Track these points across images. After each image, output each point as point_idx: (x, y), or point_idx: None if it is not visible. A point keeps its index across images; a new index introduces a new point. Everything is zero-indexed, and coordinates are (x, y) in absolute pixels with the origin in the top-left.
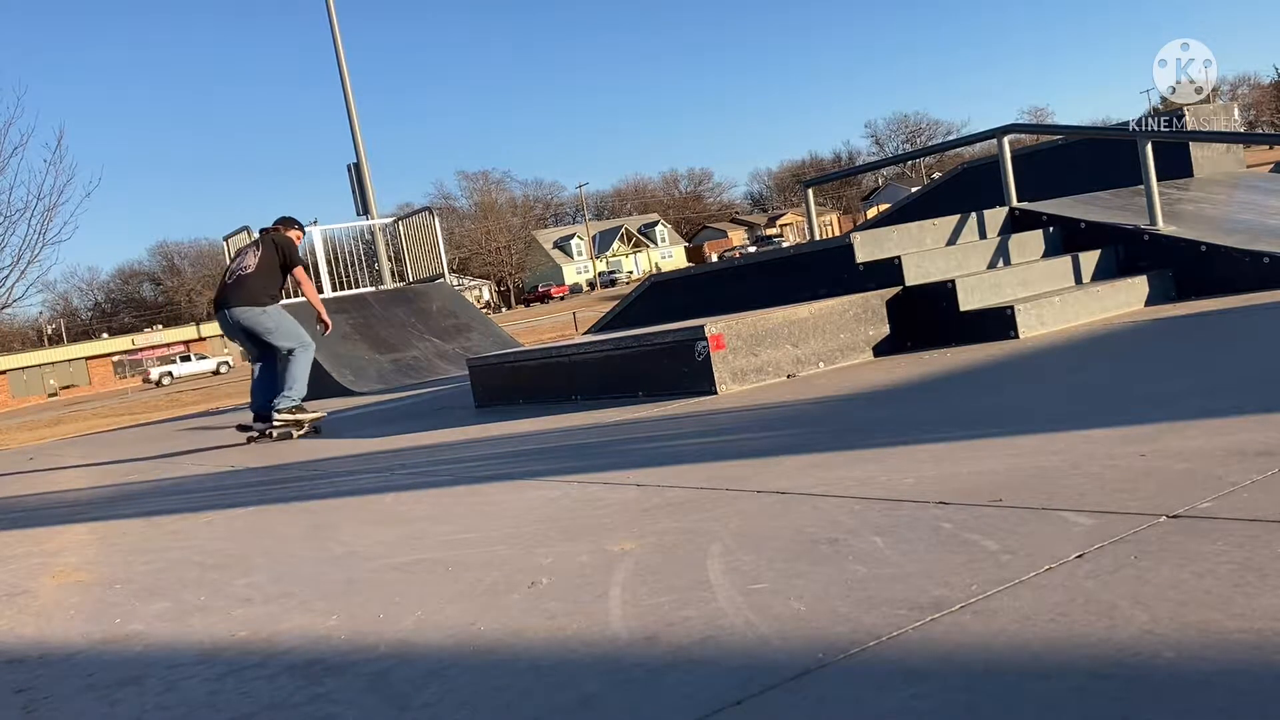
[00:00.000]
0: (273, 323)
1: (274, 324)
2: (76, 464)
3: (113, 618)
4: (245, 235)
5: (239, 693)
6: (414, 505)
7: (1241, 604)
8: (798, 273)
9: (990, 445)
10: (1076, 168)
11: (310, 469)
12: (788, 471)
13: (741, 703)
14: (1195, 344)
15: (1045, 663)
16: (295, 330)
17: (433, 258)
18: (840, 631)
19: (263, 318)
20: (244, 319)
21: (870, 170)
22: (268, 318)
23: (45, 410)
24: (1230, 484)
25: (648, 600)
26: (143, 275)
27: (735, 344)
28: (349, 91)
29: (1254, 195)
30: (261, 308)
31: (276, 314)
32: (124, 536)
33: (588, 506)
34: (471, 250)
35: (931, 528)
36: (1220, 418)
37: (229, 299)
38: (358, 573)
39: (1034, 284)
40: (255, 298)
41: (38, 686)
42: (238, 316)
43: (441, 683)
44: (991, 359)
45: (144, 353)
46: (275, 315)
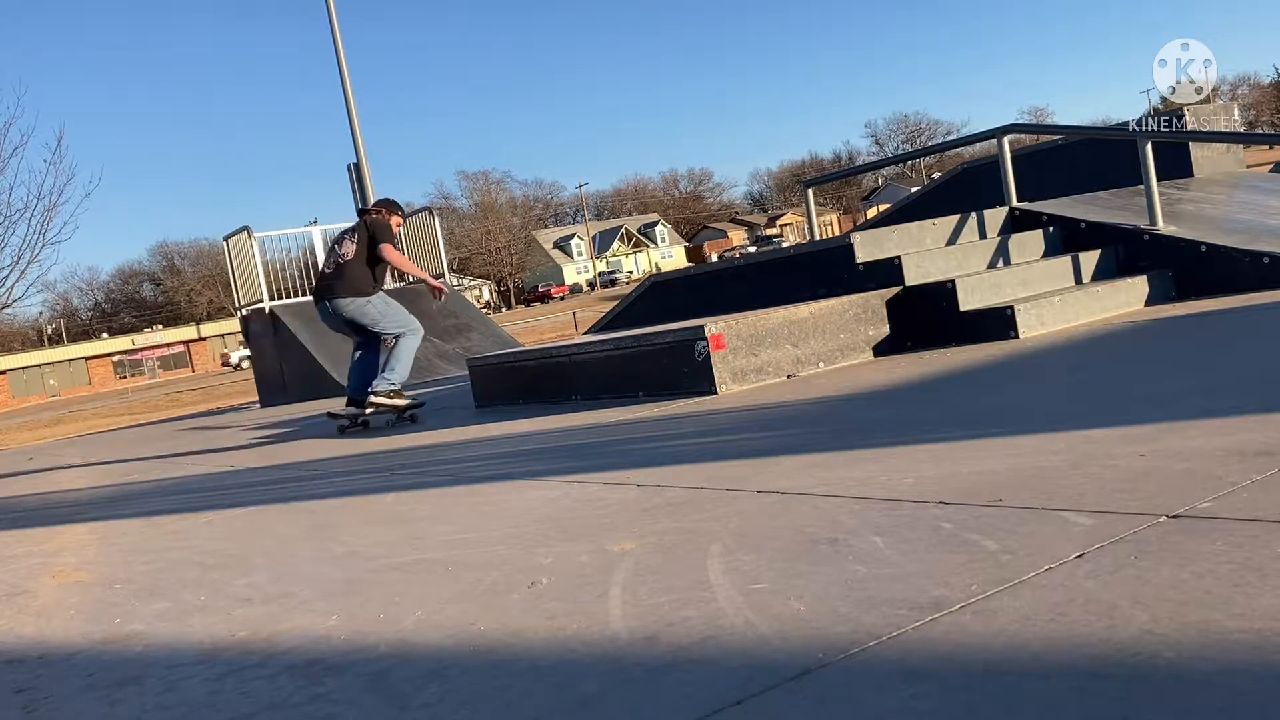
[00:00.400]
0: (377, 312)
1: (379, 313)
2: (76, 464)
3: (113, 618)
4: (245, 235)
5: (239, 693)
6: (414, 505)
7: (1241, 604)
8: (798, 273)
9: (990, 445)
10: (1076, 168)
11: (310, 469)
12: (788, 471)
13: (741, 703)
14: (1195, 344)
15: (1045, 663)
16: (402, 316)
17: (433, 258)
18: (840, 631)
19: (367, 309)
20: (346, 311)
21: (870, 170)
22: (372, 308)
23: (45, 410)
24: (1230, 484)
25: (648, 600)
26: (143, 275)
27: (735, 344)
28: (349, 91)
29: (1254, 195)
30: (365, 298)
31: (380, 303)
32: (124, 536)
33: (588, 506)
34: (471, 250)
35: (931, 528)
36: (1220, 418)
37: (330, 289)
38: (358, 573)
39: (1034, 284)
40: (358, 288)
41: (38, 686)
42: (340, 309)
43: (441, 683)
44: (991, 359)
45: (144, 353)
46: (379, 304)
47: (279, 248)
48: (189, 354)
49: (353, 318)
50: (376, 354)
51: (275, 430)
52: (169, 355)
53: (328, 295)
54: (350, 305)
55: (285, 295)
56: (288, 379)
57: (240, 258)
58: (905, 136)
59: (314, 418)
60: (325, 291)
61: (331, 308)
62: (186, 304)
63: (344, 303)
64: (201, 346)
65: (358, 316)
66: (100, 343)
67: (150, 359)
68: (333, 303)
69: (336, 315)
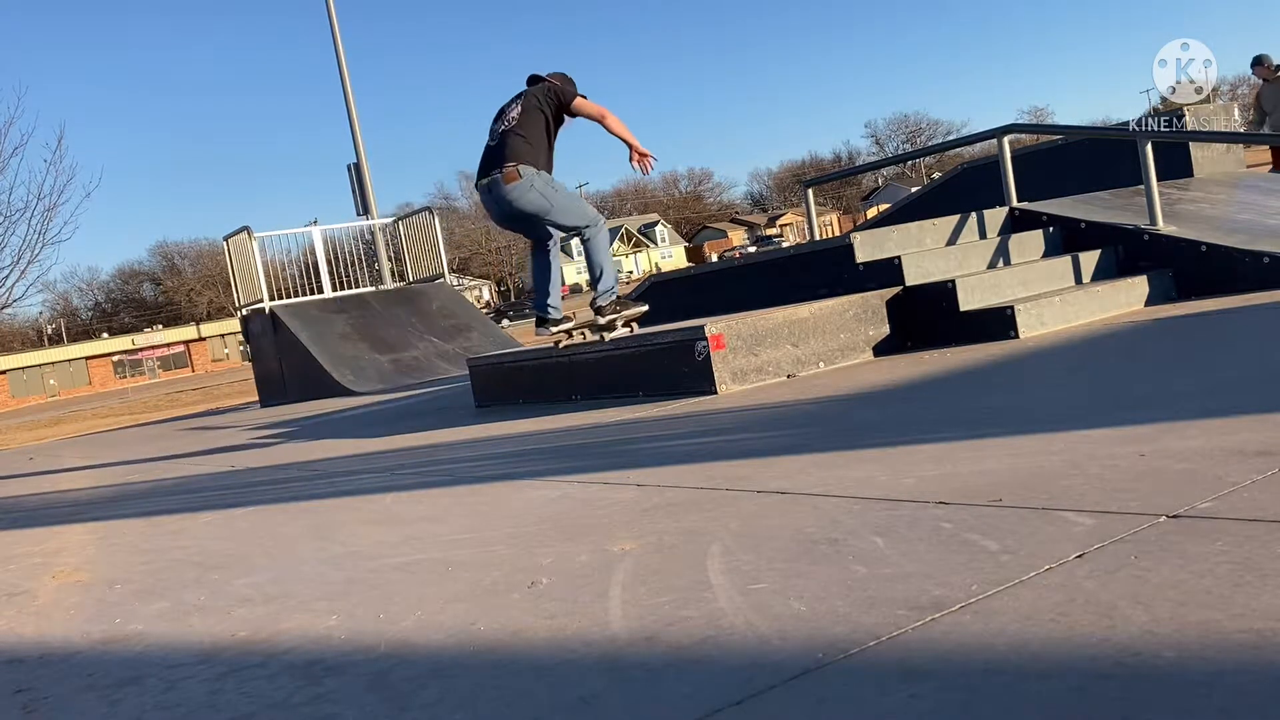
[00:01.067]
0: (548, 200)
1: (550, 201)
2: (76, 464)
3: (113, 618)
4: (245, 235)
5: (239, 693)
6: (414, 505)
7: (1241, 604)
8: (798, 273)
9: (990, 445)
10: (1076, 168)
11: (310, 469)
12: (788, 471)
13: (741, 703)
14: (1195, 344)
15: (1045, 663)
16: (578, 205)
17: (433, 258)
18: (840, 631)
19: (536, 198)
20: (515, 199)
21: (870, 170)
22: (541, 196)
23: (45, 410)
24: (1230, 484)
25: (648, 600)
26: (143, 275)
27: (735, 344)
28: (349, 91)
29: (1254, 195)
30: (529, 184)
31: (548, 187)
32: (124, 536)
33: (588, 506)
34: (471, 250)
35: (931, 528)
36: (1220, 418)
37: (494, 163)
38: (358, 573)
39: (1034, 284)
40: (528, 160)
41: (38, 686)
42: (507, 195)
43: (441, 683)
44: (991, 359)
45: (144, 353)
46: (548, 190)
47: (279, 248)
48: (189, 354)
49: (522, 208)
50: (548, 257)
51: (275, 430)
52: (169, 355)
53: (491, 171)
54: (517, 192)
55: (285, 295)
56: (288, 379)
57: (240, 258)
58: (905, 136)
59: (314, 418)
60: (489, 168)
61: (497, 193)
62: (186, 304)
63: (512, 190)
64: (201, 346)
65: (527, 206)
66: (100, 343)
67: (150, 359)
68: (500, 188)
69: (504, 204)
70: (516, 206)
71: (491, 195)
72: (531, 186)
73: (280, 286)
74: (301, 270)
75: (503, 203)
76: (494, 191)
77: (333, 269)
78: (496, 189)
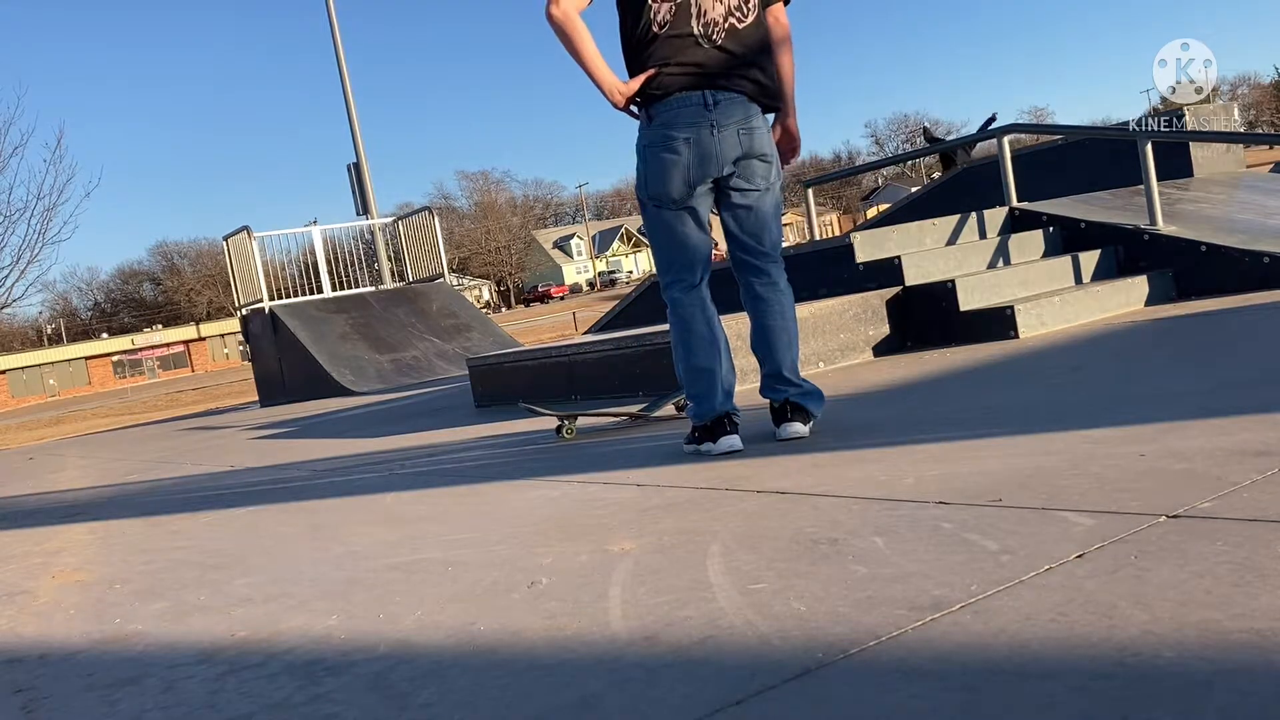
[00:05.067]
0: (777, 198)
1: (778, 199)
2: (76, 464)
3: (113, 618)
4: (245, 235)
5: (239, 693)
6: (414, 505)
7: (1241, 604)
8: (797, 272)
9: (990, 445)
10: (1076, 168)
11: (310, 469)
12: (788, 471)
13: (741, 703)
14: (1195, 344)
15: (1045, 663)
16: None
17: (432, 258)
18: (840, 631)
19: (775, 186)
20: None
21: (870, 170)
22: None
23: (45, 410)
24: (1230, 484)
25: (647, 600)
26: (143, 275)
27: (735, 344)
28: (349, 91)
29: (1254, 195)
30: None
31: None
32: (124, 536)
33: (588, 506)
34: (471, 250)
35: (931, 528)
36: (1220, 418)
37: (741, 79)
38: (357, 573)
39: (1034, 284)
40: (771, 97)
41: (38, 686)
42: (753, 128)
43: (441, 682)
44: (991, 359)
45: (143, 352)
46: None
47: (279, 248)
48: (189, 354)
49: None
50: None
51: (275, 430)
52: (169, 355)
53: (735, 89)
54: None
55: (285, 295)
56: (287, 379)
57: (240, 258)
58: (905, 136)
59: (314, 418)
60: (728, 81)
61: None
62: (186, 304)
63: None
64: (201, 346)
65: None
66: (100, 342)
67: (150, 359)
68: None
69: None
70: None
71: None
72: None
73: (280, 286)
74: (301, 270)
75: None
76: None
77: (332, 269)
78: (732, 132)
